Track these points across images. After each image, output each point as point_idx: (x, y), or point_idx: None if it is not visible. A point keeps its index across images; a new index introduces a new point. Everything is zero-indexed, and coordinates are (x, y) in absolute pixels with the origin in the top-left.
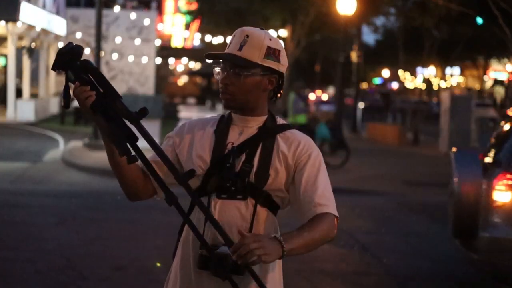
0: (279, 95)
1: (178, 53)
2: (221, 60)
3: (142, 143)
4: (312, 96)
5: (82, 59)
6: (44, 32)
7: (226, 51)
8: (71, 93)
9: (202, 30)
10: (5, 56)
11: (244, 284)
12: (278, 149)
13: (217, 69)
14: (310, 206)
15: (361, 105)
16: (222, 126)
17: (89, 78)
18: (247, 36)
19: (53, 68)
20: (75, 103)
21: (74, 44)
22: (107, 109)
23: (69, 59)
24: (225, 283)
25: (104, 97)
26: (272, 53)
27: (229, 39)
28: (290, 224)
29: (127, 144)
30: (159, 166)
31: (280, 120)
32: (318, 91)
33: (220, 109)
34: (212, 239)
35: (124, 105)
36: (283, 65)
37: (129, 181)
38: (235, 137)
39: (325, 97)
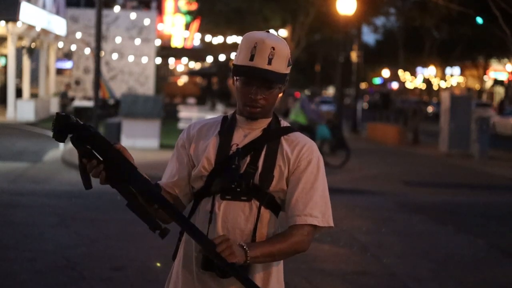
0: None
1: (178, 53)
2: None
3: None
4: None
5: (79, 125)
6: (44, 32)
7: (251, 64)
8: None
9: (202, 30)
10: (5, 56)
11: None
12: (283, 151)
13: (236, 79)
14: (298, 213)
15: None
16: (227, 128)
17: (92, 149)
18: (273, 48)
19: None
20: (75, 103)
21: (58, 115)
22: (121, 182)
23: (65, 135)
24: (227, 284)
25: (110, 169)
26: (290, 59)
27: (229, 39)
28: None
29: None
30: (175, 185)
31: (283, 123)
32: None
33: (220, 109)
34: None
35: (137, 175)
36: None
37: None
38: (239, 139)
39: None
